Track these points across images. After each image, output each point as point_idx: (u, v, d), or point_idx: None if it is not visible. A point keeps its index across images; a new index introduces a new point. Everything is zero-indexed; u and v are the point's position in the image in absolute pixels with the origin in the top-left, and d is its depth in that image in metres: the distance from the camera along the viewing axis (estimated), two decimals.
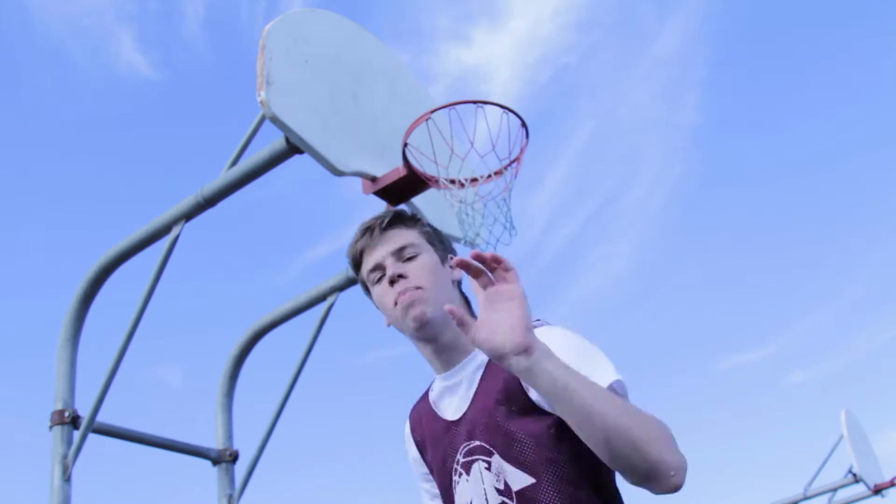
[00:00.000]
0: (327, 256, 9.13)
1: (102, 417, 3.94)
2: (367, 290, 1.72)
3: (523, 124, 3.14)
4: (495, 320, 1.21)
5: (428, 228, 1.72)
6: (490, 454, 1.46)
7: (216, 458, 4.61)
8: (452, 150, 3.18)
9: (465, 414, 1.56)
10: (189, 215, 3.75)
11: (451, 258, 1.70)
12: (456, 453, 1.53)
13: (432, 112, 3.17)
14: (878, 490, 8.66)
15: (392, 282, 1.59)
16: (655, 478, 1.22)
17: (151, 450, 4.32)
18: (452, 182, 3.35)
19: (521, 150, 3.19)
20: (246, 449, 4.65)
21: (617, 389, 1.37)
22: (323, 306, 4.40)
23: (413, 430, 1.70)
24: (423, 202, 4.04)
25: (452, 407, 1.59)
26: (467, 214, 3.35)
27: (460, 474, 1.50)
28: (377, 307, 1.70)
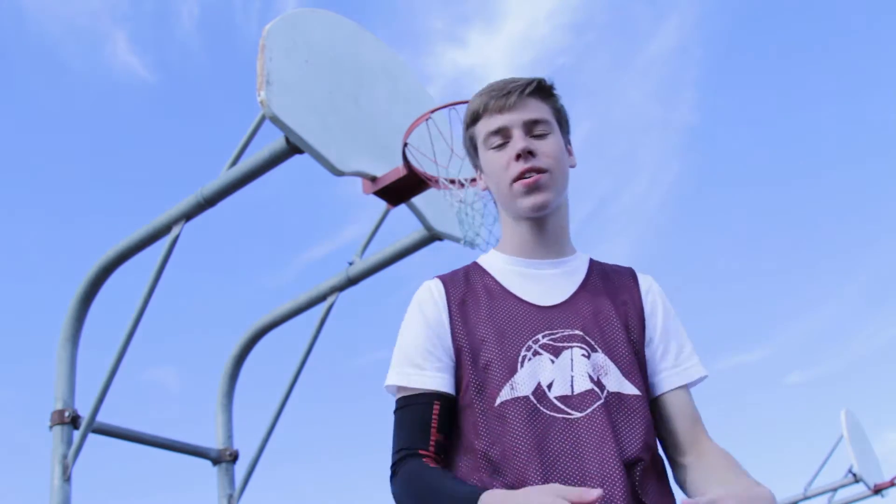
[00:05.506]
0: (326, 256, 9.14)
1: (102, 417, 3.94)
2: (473, 148, 1.60)
3: None
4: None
5: (560, 106, 1.60)
6: (593, 349, 1.44)
7: (216, 458, 4.61)
8: (452, 150, 3.18)
9: (564, 303, 1.50)
10: (189, 215, 3.75)
11: (570, 143, 1.62)
12: (536, 333, 1.45)
13: (432, 112, 3.17)
14: (878, 490, 8.67)
15: (519, 156, 1.49)
16: None
17: (151, 450, 4.33)
18: (452, 182, 3.36)
19: None
20: (246, 449, 4.66)
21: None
22: (323, 306, 4.41)
23: (449, 294, 1.53)
24: (423, 202, 4.04)
25: (537, 293, 1.51)
26: (467, 214, 3.35)
27: (537, 353, 1.42)
28: (481, 170, 1.60)
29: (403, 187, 3.59)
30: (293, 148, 3.38)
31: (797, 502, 8.43)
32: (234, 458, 4.65)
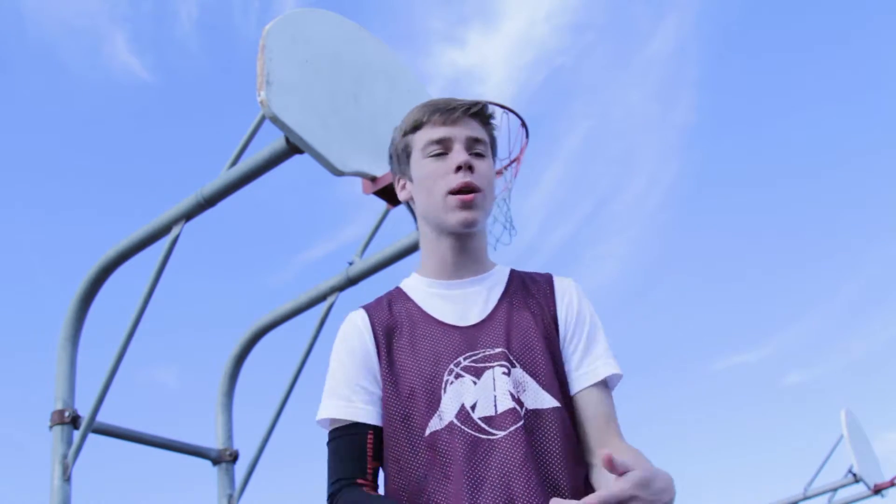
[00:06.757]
0: (324, 257, 9.15)
1: (102, 417, 3.94)
2: (406, 156, 1.61)
3: (523, 124, 3.15)
4: None
5: (494, 136, 1.65)
6: (513, 365, 1.45)
7: (216, 458, 4.61)
8: None
9: (483, 322, 1.51)
10: (189, 215, 3.75)
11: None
12: (458, 356, 1.46)
13: None
14: (878, 490, 8.66)
15: (459, 168, 1.51)
16: None
17: (151, 450, 4.33)
18: None
19: (522, 150, 3.20)
20: (246, 449, 4.66)
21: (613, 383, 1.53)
22: (323, 306, 4.41)
23: (374, 323, 1.55)
24: None
25: (456, 314, 1.53)
26: None
27: (459, 376, 1.44)
28: (409, 179, 1.61)
29: None
30: (293, 148, 3.38)
31: (797, 502, 8.43)
32: (234, 458, 4.65)
